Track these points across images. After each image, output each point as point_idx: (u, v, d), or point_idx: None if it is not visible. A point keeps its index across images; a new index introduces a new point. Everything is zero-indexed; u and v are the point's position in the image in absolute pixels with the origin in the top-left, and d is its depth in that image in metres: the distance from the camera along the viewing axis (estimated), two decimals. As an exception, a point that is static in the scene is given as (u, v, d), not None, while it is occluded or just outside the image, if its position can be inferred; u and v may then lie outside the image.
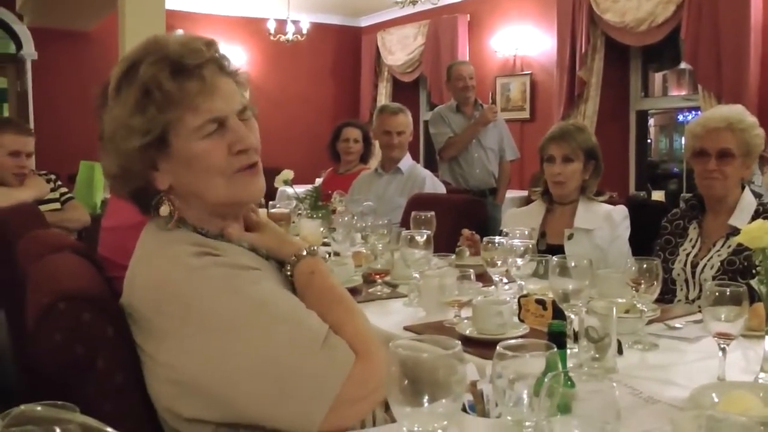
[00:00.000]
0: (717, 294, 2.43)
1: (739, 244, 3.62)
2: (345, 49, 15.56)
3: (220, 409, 1.97)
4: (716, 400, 2.06)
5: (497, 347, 1.65)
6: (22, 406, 1.17)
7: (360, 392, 1.97)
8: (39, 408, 1.18)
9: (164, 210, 2.18)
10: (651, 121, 11.58)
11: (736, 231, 3.62)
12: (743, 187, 4.02)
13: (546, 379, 1.45)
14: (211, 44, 2.19)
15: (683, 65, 10.33)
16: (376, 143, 7.61)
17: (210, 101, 2.10)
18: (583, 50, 10.02)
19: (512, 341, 1.69)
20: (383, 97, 14.66)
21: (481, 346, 2.78)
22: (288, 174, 5.97)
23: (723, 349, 2.47)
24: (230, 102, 2.16)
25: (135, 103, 2.06)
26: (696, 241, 4.05)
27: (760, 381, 2.48)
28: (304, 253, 2.29)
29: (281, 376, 1.93)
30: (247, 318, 1.98)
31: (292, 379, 1.93)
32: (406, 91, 14.43)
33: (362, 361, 1.99)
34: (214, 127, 2.10)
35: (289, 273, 2.28)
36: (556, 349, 1.66)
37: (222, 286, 2.01)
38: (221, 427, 2.00)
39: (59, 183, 6.19)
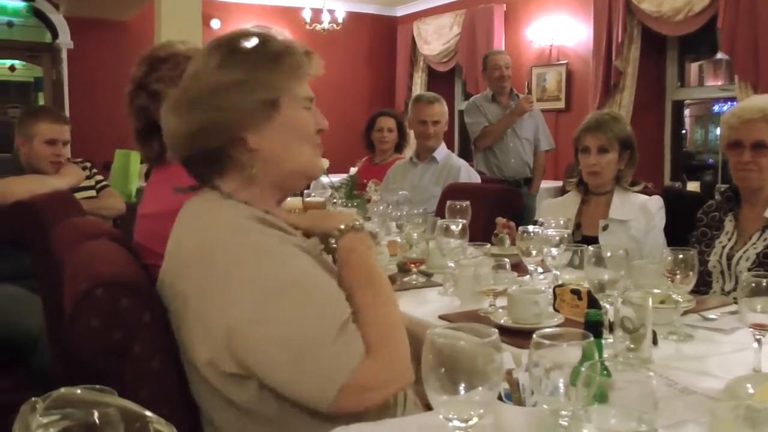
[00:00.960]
0: (753, 285, 2.42)
1: (776, 236, 3.62)
2: (380, 38, 15.54)
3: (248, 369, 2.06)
4: (752, 391, 2.05)
5: (534, 336, 1.65)
6: (62, 389, 1.18)
7: (371, 383, 2.04)
8: (78, 391, 1.19)
9: (251, 165, 2.29)
10: (686, 112, 11.52)
11: (772, 224, 3.61)
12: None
13: (582, 369, 1.45)
14: None
15: (720, 55, 10.28)
16: (411, 133, 7.61)
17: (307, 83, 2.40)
18: (620, 40, 9.96)
19: (548, 330, 1.69)
20: (418, 86, 14.64)
21: (517, 336, 2.78)
22: (324, 163, 5.98)
23: (758, 341, 2.45)
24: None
25: (264, 64, 2.28)
26: (732, 234, 4.02)
27: (797, 373, 2.46)
28: (348, 226, 2.42)
29: (299, 352, 2.01)
30: (281, 289, 2.06)
31: (308, 357, 2.00)
32: (441, 81, 14.40)
33: (375, 354, 2.06)
34: (310, 98, 2.40)
35: (333, 245, 2.42)
36: (592, 339, 1.65)
37: (265, 253, 2.11)
38: (264, 388, 2.08)
39: (95, 171, 6.20)
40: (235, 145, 2.27)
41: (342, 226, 2.41)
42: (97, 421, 1.16)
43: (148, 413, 1.18)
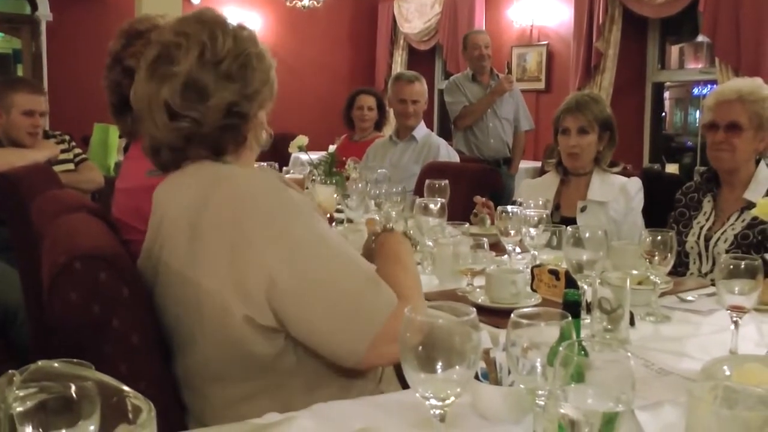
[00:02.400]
0: (731, 267, 2.43)
1: (754, 218, 3.65)
2: (361, 15, 15.47)
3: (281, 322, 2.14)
4: (728, 373, 2.06)
5: (512, 315, 1.65)
6: (40, 362, 1.17)
7: None
8: (56, 364, 1.18)
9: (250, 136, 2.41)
10: (666, 94, 11.53)
11: (751, 205, 3.62)
12: (758, 162, 4.00)
13: (561, 348, 1.45)
14: None
15: (701, 38, 10.28)
16: (391, 111, 7.61)
17: None
18: (601, 21, 9.95)
19: (527, 309, 1.69)
20: (399, 65, 14.60)
21: (494, 315, 2.79)
22: (302, 140, 5.95)
23: (736, 323, 2.46)
24: None
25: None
26: (710, 215, 4.04)
27: (773, 355, 2.48)
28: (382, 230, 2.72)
29: (335, 302, 2.10)
30: (316, 244, 2.14)
31: (344, 306, 2.11)
32: (421, 60, 14.37)
33: (405, 303, 2.09)
34: None
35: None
36: (570, 318, 1.66)
37: (300, 210, 2.18)
38: (289, 340, 2.16)
39: (73, 144, 6.19)
40: (248, 120, 2.37)
41: (389, 226, 2.76)
42: (74, 395, 1.16)
43: (126, 388, 1.18)
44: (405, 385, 1.93)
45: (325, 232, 2.20)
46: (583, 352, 1.47)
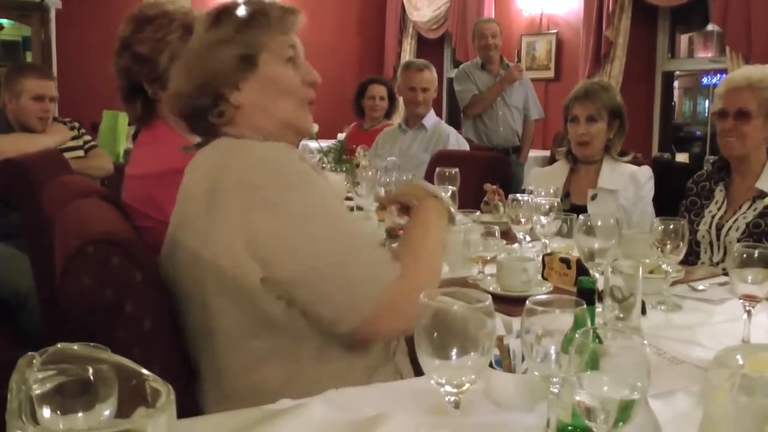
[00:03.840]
0: (745, 255, 2.42)
1: (766, 207, 3.63)
2: (370, 4, 15.42)
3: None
4: (741, 362, 2.06)
5: (527, 302, 1.65)
6: (59, 345, 1.18)
7: (403, 300, 2.12)
8: (76, 347, 1.18)
9: (239, 121, 2.44)
10: (676, 84, 11.50)
11: (763, 194, 3.61)
12: (770, 150, 3.99)
13: (576, 335, 1.45)
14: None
15: (710, 27, 10.25)
16: (401, 99, 7.61)
17: (294, 35, 2.54)
18: (610, 9, 9.91)
19: (541, 297, 1.69)
20: (408, 53, 14.56)
21: (505, 303, 2.78)
22: (313, 127, 5.95)
23: (748, 312, 2.46)
24: (300, 43, 2.57)
25: (239, 25, 2.41)
26: (722, 204, 4.03)
27: (786, 344, 2.47)
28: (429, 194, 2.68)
29: (338, 265, 2.16)
30: (325, 211, 2.23)
31: (347, 270, 2.17)
32: (430, 48, 14.33)
33: (409, 276, 2.21)
34: (291, 54, 2.50)
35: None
36: (585, 306, 1.65)
37: (309, 179, 2.25)
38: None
39: (83, 131, 6.19)
40: (221, 103, 2.40)
41: (434, 194, 2.67)
42: (92, 377, 1.16)
43: (145, 371, 1.18)
44: (417, 367, 1.94)
45: (336, 202, 2.33)
46: (597, 340, 1.46)
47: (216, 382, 2.29)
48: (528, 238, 3.61)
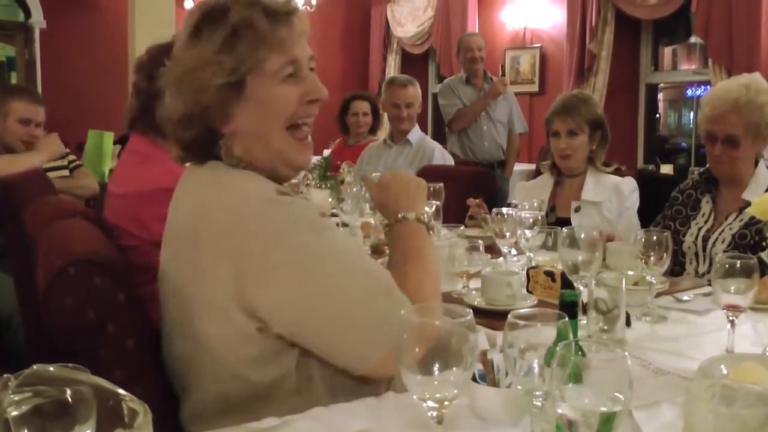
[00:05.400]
0: (727, 266, 2.43)
1: (752, 218, 3.64)
2: (354, 20, 15.46)
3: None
4: (725, 372, 2.06)
5: (509, 317, 1.65)
6: (35, 366, 1.17)
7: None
8: (51, 368, 1.18)
9: (237, 149, 2.23)
10: (660, 96, 11.55)
11: (749, 205, 3.61)
12: (757, 162, 3.99)
13: (558, 348, 1.45)
14: None
15: (693, 39, 10.30)
16: (385, 115, 7.61)
17: (292, 47, 2.21)
18: (594, 23, 9.96)
19: (523, 311, 1.69)
20: (392, 69, 14.59)
21: (490, 317, 2.79)
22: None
23: (732, 322, 2.46)
24: (305, 51, 2.28)
25: (222, 43, 2.13)
26: (709, 216, 4.03)
27: (770, 354, 2.48)
28: (407, 218, 2.43)
29: (346, 317, 2.04)
30: (324, 259, 2.06)
31: (356, 321, 2.04)
32: (415, 64, 14.36)
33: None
34: (290, 71, 2.21)
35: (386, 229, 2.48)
36: (567, 319, 1.65)
37: (304, 225, 2.09)
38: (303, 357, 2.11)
39: (67, 150, 6.18)
40: (217, 128, 2.21)
41: (401, 216, 2.42)
42: (70, 399, 1.16)
43: (121, 391, 1.17)
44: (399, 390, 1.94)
45: (339, 244, 2.14)
46: (580, 353, 1.46)
47: (202, 406, 2.21)
48: (513, 252, 3.61)
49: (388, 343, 1.97)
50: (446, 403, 1.54)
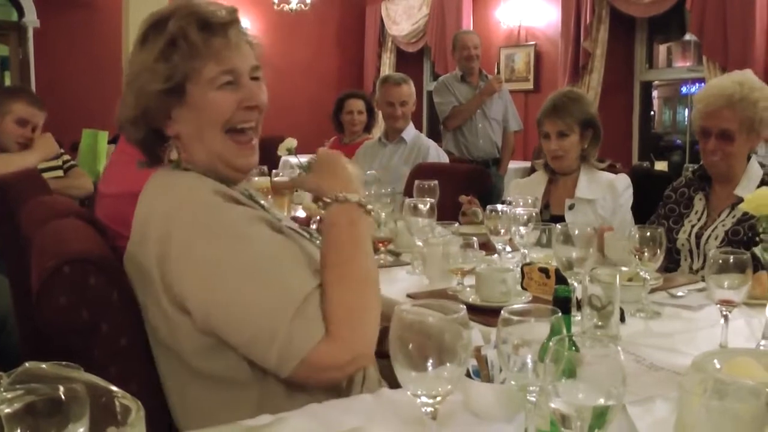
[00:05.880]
0: (721, 261, 2.43)
1: (744, 214, 3.64)
2: (349, 18, 15.45)
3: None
4: (719, 366, 2.07)
5: (502, 312, 1.65)
6: (27, 364, 1.17)
7: (327, 363, 2.05)
8: (44, 366, 1.18)
9: (173, 155, 2.36)
10: (654, 93, 11.54)
11: (741, 201, 3.61)
12: (749, 158, 4.00)
13: (551, 344, 1.45)
14: (234, 11, 2.36)
15: (688, 37, 10.30)
16: (380, 113, 7.61)
17: (229, 57, 2.27)
18: (588, 21, 9.96)
19: (517, 306, 1.69)
20: (387, 67, 14.59)
21: (485, 314, 2.80)
22: (291, 142, 5.91)
23: (726, 317, 2.48)
24: (246, 61, 2.33)
25: (160, 52, 2.23)
26: (702, 214, 4.03)
27: (762, 348, 2.48)
28: (335, 198, 2.31)
29: (256, 333, 2.02)
30: (241, 267, 2.07)
31: (265, 337, 2.01)
32: (410, 62, 14.35)
33: (335, 334, 2.06)
34: (228, 79, 2.27)
35: (322, 210, 2.39)
36: (560, 314, 1.65)
37: (228, 228, 2.13)
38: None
39: (62, 151, 6.17)
40: (163, 131, 2.34)
41: (328, 199, 2.31)
42: (63, 396, 1.15)
43: (114, 388, 1.17)
44: (393, 387, 1.93)
45: (256, 253, 2.11)
46: (574, 348, 1.47)
47: (180, 399, 2.26)
48: (508, 249, 3.61)
49: (295, 360, 2.01)
50: (440, 399, 1.54)
